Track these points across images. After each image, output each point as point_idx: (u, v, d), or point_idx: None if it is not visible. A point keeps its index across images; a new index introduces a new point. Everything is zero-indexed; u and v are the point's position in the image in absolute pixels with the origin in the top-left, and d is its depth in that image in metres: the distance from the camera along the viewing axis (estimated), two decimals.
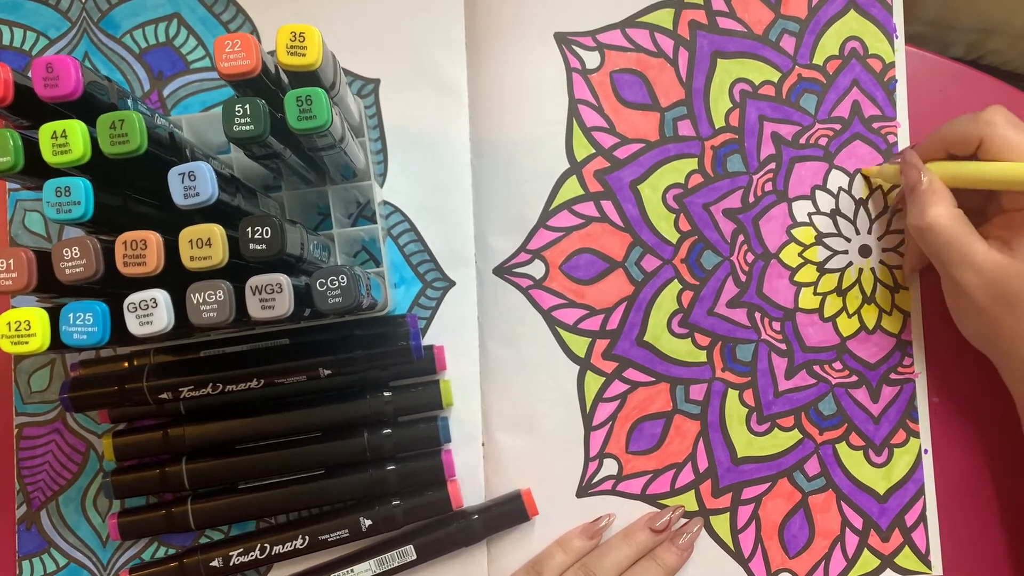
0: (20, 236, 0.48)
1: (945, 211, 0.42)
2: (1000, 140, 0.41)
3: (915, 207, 0.43)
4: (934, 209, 0.42)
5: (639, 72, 0.49)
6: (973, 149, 0.43)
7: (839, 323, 0.49)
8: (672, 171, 0.49)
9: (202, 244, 0.32)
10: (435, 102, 0.49)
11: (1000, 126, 0.41)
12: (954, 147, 0.44)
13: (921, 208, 0.43)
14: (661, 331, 0.49)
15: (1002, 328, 0.42)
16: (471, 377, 0.48)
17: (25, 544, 0.48)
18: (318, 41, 0.35)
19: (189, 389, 0.42)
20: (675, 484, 0.48)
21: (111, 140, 0.32)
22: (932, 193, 0.43)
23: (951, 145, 0.44)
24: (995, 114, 0.42)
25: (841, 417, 0.49)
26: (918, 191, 0.43)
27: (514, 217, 0.49)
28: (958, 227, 0.42)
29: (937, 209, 0.42)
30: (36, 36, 0.49)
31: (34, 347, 0.33)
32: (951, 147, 0.44)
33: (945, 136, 0.44)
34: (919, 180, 0.43)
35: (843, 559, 0.49)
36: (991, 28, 0.65)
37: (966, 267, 0.42)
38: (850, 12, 0.49)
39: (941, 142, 0.44)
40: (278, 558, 0.45)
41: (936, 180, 0.43)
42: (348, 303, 0.35)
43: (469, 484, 0.48)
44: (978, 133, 0.42)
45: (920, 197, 0.43)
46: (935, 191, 0.43)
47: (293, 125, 0.34)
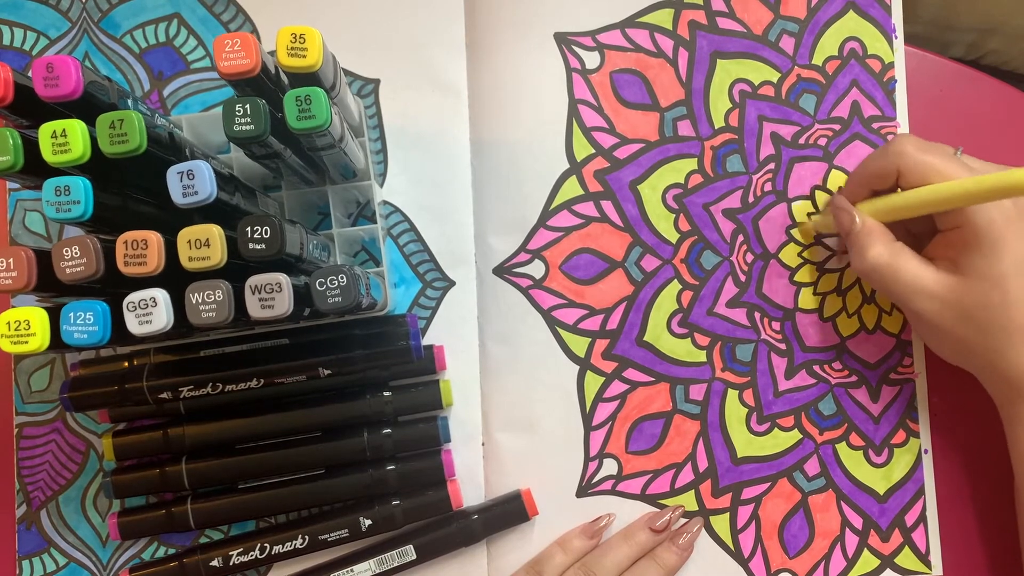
0: (20, 236, 0.48)
1: (883, 249, 0.42)
2: (916, 167, 0.41)
3: (854, 251, 0.43)
4: (872, 250, 0.42)
5: (639, 72, 0.49)
6: (893, 181, 0.43)
7: (839, 323, 0.49)
8: (672, 171, 0.49)
9: (200, 244, 0.32)
10: (435, 102, 0.49)
11: (911, 154, 0.41)
12: (875, 184, 0.44)
13: (860, 251, 0.43)
14: (661, 331, 0.49)
15: (973, 345, 0.42)
16: (471, 377, 0.48)
17: (25, 544, 0.48)
18: (318, 43, 0.35)
19: (189, 389, 0.42)
20: (675, 484, 0.48)
21: (111, 140, 0.32)
22: (868, 234, 0.43)
23: (872, 183, 0.44)
24: (904, 143, 0.42)
25: (841, 417, 0.49)
26: (853, 234, 0.43)
27: (514, 217, 0.49)
28: (900, 261, 0.42)
29: (875, 249, 0.42)
30: (36, 36, 0.49)
31: (34, 347, 0.33)
32: (873, 184, 0.44)
33: (864, 175, 0.44)
34: (852, 223, 0.43)
35: (843, 559, 0.49)
36: (991, 28, 0.66)
37: (919, 295, 0.42)
38: (849, 13, 0.49)
39: (863, 181, 0.44)
40: (278, 558, 0.45)
41: (868, 220, 0.43)
42: (348, 303, 0.35)
43: (469, 484, 0.48)
44: (892, 165, 0.42)
45: (856, 240, 0.43)
46: (870, 231, 0.43)
47: (292, 125, 0.34)
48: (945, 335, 0.43)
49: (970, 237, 0.41)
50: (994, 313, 0.41)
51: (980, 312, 0.41)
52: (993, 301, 0.40)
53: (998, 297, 0.40)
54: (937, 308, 0.42)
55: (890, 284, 0.42)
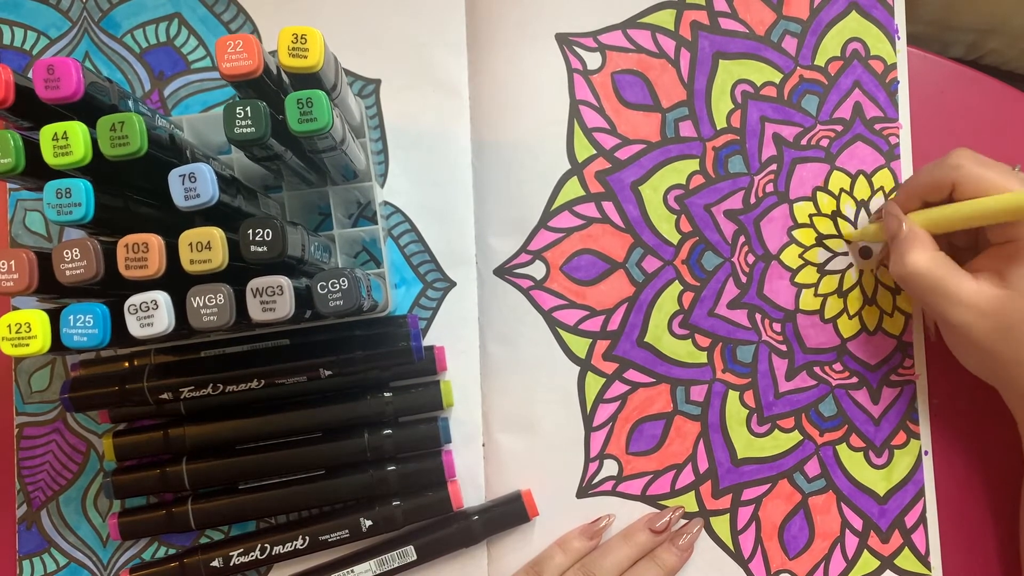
0: (21, 236, 0.48)
1: (924, 255, 0.42)
2: (971, 180, 0.41)
3: (896, 255, 0.43)
4: (913, 255, 0.42)
5: (640, 73, 0.49)
6: (947, 194, 0.43)
7: (840, 324, 0.49)
8: (673, 172, 0.49)
9: (202, 247, 0.32)
10: (436, 102, 0.49)
11: (967, 167, 0.41)
12: (928, 195, 0.44)
13: (902, 255, 0.43)
14: (662, 332, 0.49)
15: (1004, 358, 0.42)
16: (471, 378, 0.48)
17: (25, 544, 0.48)
18: (320, 43, 0.34)
19: (190, 389, 0.42)
20: (675, 485, 0.48)
21: (111, 142, 0.32)
22: (912, 239, 0.43)
23: (925, 194, 0.44)
24: (961, 156, 0.42)
25: (841, 418, 0.49)
26: (898, 239, 0.43)
27: (515, 218, 0.49)
28: (940, 269, 0.42)
29: (916, 254, 0.42)
30: (37, 36, 0.49)
31: (34, 349, 0.33)
32: (926, 196, 0.44)
33: (917, 186, 0.44)
34: (899, 228, 0.43)
35: (843, 560, 0.49)
36: (991, 28, 0.65)
37: (956, 306, 0.42)
38: (852, 13, 0.49)
39: (915, 192, 0.44)
40: (278, 558, 0.45)
41: (915, 227, 0.43)
42: (349, 306, 0.35)
43: (469, 485, 0.48)
44: (948, 177, 0.42)
45: (899, 245, 0.43)
46: (915, 236, 0.43)
47: (294, 127, 0.34)
48: (977, 347, 0.43)
49: (1022, 251, 0.41)
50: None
51: (1018, 327, 0.41)
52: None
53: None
54: (973, 319, 0.41)
55: (928, 291, 0.42)
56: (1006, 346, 0.42)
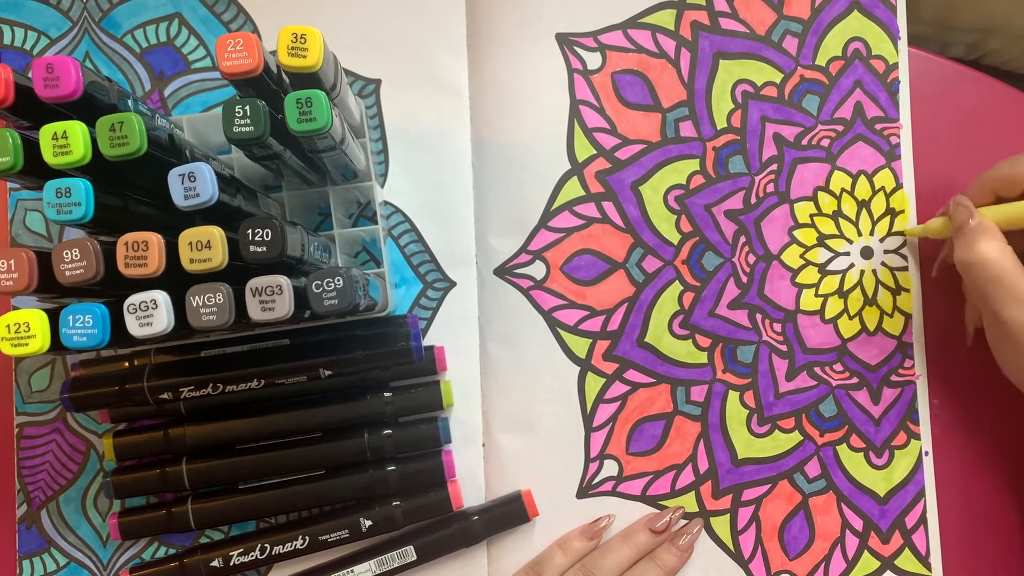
0: (20, 235, 0.48)
1: (996, 245, 0.41)
2: None
3: (964, 242, 0.42)
4: (985, 243, 0.41)
5: (641, 73, 0.49)
6: (1020, 191, 0.42)
7: (840, 325, 0.49)
8: (673, 172, 0.49)
9: (201, 247, 0.32)
10: (436, 102, 0.49)
11: None
12: (1002, 189, 0.43)
13: (970, 243, 0.42)
14: (662, 332, 0.48)
15: None
16: (472, 378, 0.48)
17: (25, 544, 0.48)
18: (319, 43, 0.34)
19: (189, 389, 0.42)
20: (675, 485, 0.48)
21: (111, 142, 0.32)
22: (983, 230, 0.42)
23: (999, 187, 0.43)
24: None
25: (842, 419, 0.49)
26: (967, 228, 0.42)
27: (515, 218, 0.49)
28: (1009, 263, 0.41)
29: (987, 243, 0.41)
30: (37, 35, 0.49)
31: (34, 349, 0.33)
32: (999, 189, 0.43)
33: (992, 179, 0.43)
34: (968, 218, 0.42)
35: (843, 561, 0.48)
36: (991, 28, 0.65)
37: (1015, 304, 0.41)
38: (853, 13, 0.49)
39: (988, 185, 0.44)
40: (278, 558, 0.45)
41: (986, 219, 0.42)
42: (344, 305, 0.35)
43: (469, 485, 0.48)
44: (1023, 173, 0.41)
45: (969, 233, 0.42)
46: (985, 228, 0.42)
47: (293, 127, 0.34)
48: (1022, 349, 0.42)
49: None
50: None
51: None
52: None
53: None
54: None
55: (991, 283, 0.41)
56: None
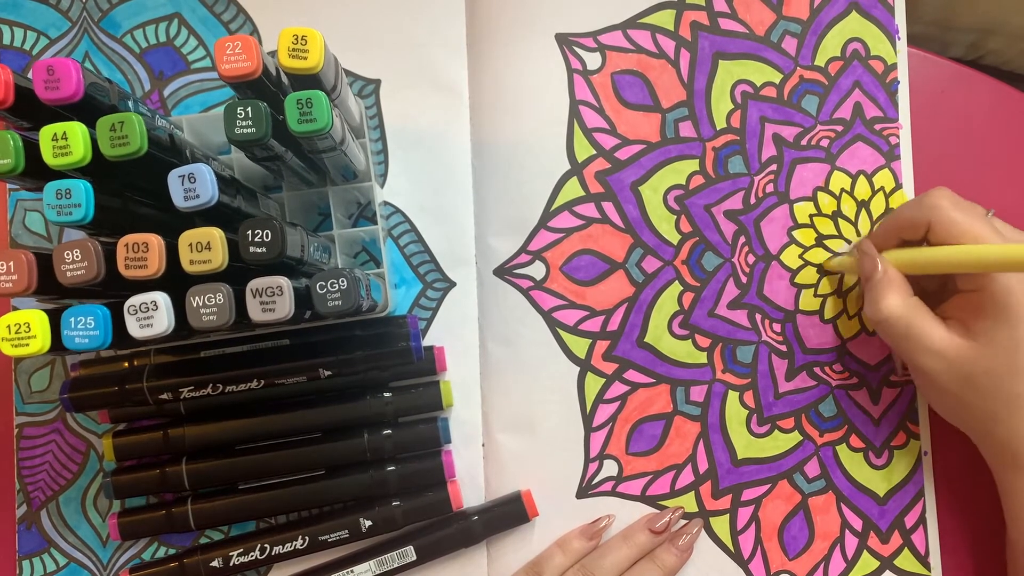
0: (20, 236, 0.48)
1: (899, 300, 0.42)
2: (946, 223, 0.41)
3: (870, 299, 0.43)
4: (888, 300, 0.42)
5: (640, 73, 0.49)
6: (923, 234, 0.42)
7: (840, 325, 0.49)
8: (673, 172, 0.49)
9: (201, 248, 0.32)
10: (436, 103, 0.49)
11: (945, 209, 0.41)
12: (905, 233, 0.43)
13: (875, 299, 0.42)
14: (662, 332, 0.49)
15: (974, 410, 0.42)
16: (471, 378, 0.48)
17: (25, 544, 0.48)
18: (320, 44, 0.34)
19: (189, 389, 0.42)
20: (675, 485, 0.48)
21: (111, 142, 0.32)
22: (887, 283, 0.42)
23: (902, 231, 0.44)
24: (940, 197, 0.41)
25: (841, 419, 0.49)
26: (872, 281, 0.43)
27: (515, 218, 0.49)
28: (913, 315, 0.42)
29: (891, 300, 0.42)
30: (36, 36, 0.49)
31: (34, 349, 0.33)
32: (902, 233, 0.44)
33: (895, 223, 0.44)
34: (874, 270, 0.43)
35: (842, 561, 0.49)
36: (991, 28, 0.65)
37: (926, 353, 0.41)
38: (852, 13, 0.49)
39: (893, 229, 0.44)
40: (278, 558, 0.45)
41: (891, 269, 0.43)
42: (348, 306, 0.35)
43: (469, 485, 0.48)
44: (924, 217, 0.42)
45: (874, 288, 0.43)
46: (890, 280, 0.42)
47: (293, 128, 0.34)
48: (947, 395, 0.43)
49: (987, 302, 0.41)
50: (999, 381, 0.40)
51: (984, 378, 0.41)
52: (999, 369, 0.40)
53: (1004, 366, 0.40)
54: (943, 368, 0.41)
55: (900, 338, 0.42)
56: (974, 396, 0.41)
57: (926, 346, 0.41)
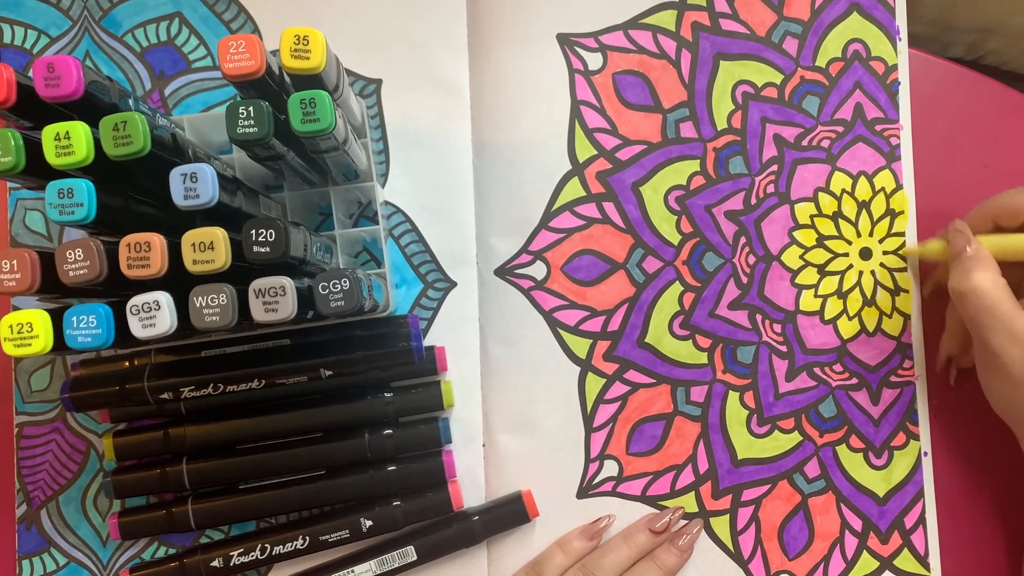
0: (21, 235, 0.48)
1: (991, 276, 0.41)
2: None
3: (959, 270, 0.42)
4: (979, 273, 0.41)
5: (641, 73, 0.49)
6: (1020, 222, 0.42)
7: (840, 325, 0.49)
8: (674, 173, 0.49)
9: (204, 248, 0.32)
10: (437, 103, 0.49)
11: None
12: (1002, 219, 0.43)
13: (965, 272, 0.42)
14: (662, 333, 0.49)
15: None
16: (472, 378, 0.48)
17: (25, 543, 0.48)
18: (322, 44, 0.34)
19: (190, 389, 0.42)
20: (675, 486, 0.48)
21: (115, 142, 0.32)
22: (978, 259, 0.42)
23: (999, 217, 0.43)
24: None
25: (841, 419, 0.49)
26: (963, 256, 0.42)
27: (516, 218, 0.49)
28: (1002, 294, 0.41)
29: (982, 273, 0.41)
30: (37, 34, 0.49)
31: (37, 349, 0.32)
32: (999, 219, 0.43)
33: (992, 208, 0.43)
34: (964, 246, 0.42)
35: (842, 561, 0.49)
36: (991, 28, 0.66)
37: (1006, 336, 0.41)
38: (853, 14, 0.49)
39: (988, 213, 0.44)
40: (278, 558, 0.45)
41: (983, 248, 0.42)
42: (350, 306, 0.35)
43: (470, 485, 0.48)
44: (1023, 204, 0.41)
45: (965, 262, 0.42)
46: (981, 257, 0.42)
47: (297, 128, 0.34)
48: (1011, 383, 0.42)
49: None
50: None
51: None
52: None
53: None
54: (1018, 354, 0.41)
55: (983, 313, 0.41)
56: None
57: (1009, 328, 0.41)
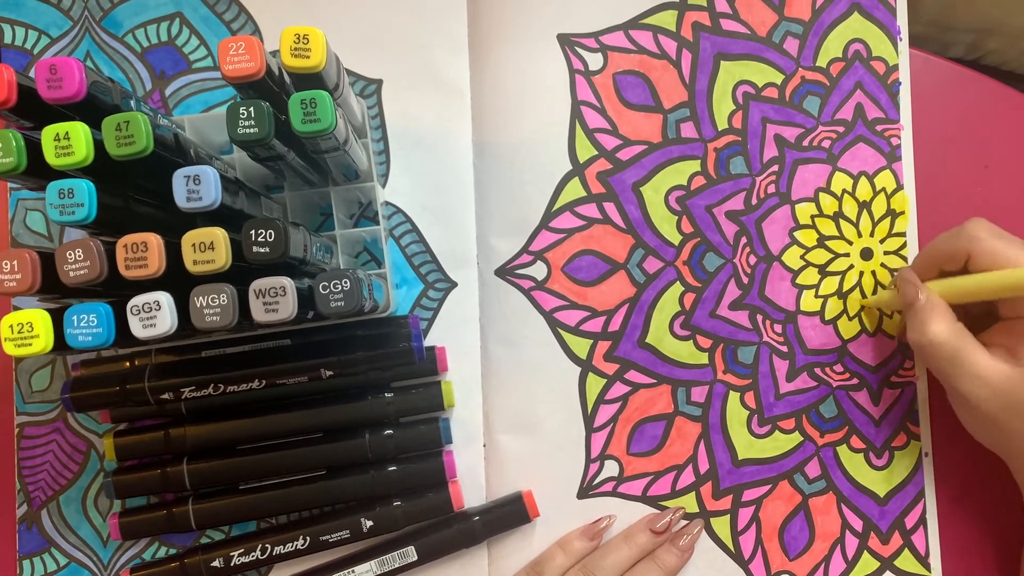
0: (21, 235, 0.48)
1: (945, 326, 0.42)
2: (987, 253, 0.41)
3: (914, 323, 0.43)
4: (934, 325, 0.42)
5: (642, 74, 0.49)
6: (962, 264, 0.43)
7: (840, 326, 0.49)
8: (675, 173, 0.49)
9: (205, 248, 0.32)
10: (438, 103, 0.49)
11: (984, 240, 0.41)
12: (945, 264, 0.44)
13: (921, 324, 0.42)
14: (663, 333, 0.49)
15: (1014, 436, 0.42)
16: (472, 378, 0.48)
17: (25, 544, 0.48)
18: (322, 43, 0.34)
19: (191, 389, 0.42)
20: (676, 486, 0.48)
21: (117, 142, 0.32)
22: (931, 309, 0.42)
23: (941, 262, 0.44)
24: (978, 228, 0.42)
25: (842, 420, 0.49)
26: (916, 307, 0.43)
27: (516, 218, 0.49)
28: (959, 341, 0.42)
29: (937, 325, 0.42)
30: (38, 35, 0.49)
31: (37, 349, 0.33)
32: (942, 264, 0.44)
33: (933, 254, 0.44)
34: (916, 297, 0.43)
35: (843, 561, 0.49)
36: (991, 28, 0.66)
37: (970, 380, 0.41)
38: (854, 14, 0.49)
39: (932, 260, 0.44)
40: (279, 558, 0.45)
41: (934, 295, 0.43)
42: (351, 307, 0.35)
43: (470, 485, 0.48)
44: (964, 248, 0.42)
45: (918, 313, 0.43)
46: (934, 306, 0.42)
47: (297, 128, 0.34)
48: (987, 421, 0.43)
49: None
50: None
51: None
52: None
53: None
54: (985, 394, 0.41)
55: (945, 363, 0.42)
56: (1019, 422, 0.41)
57: (971, 372, 0.41)
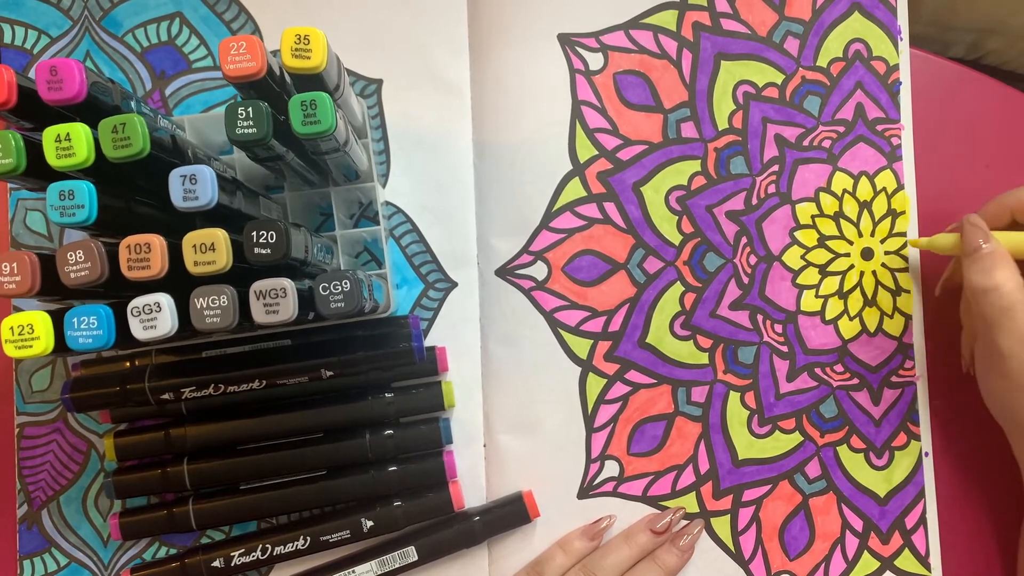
0: (21, 236, 0.48)
1: (1011, 275, 0.41)
2: None
3: (977, 267, 0.41)
4: (1002, 271, 0.41)
5: (642, 74, 0.49)
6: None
7: (841, 326, 0.49)
8: (675, 173, 0.49)
9: (206, 249, 0.32)
10: (438, 103, 0.49)
11: None
12: (1019, 213, 0.42)
13: (987, 269, 0.41)
14: (663, 333, 0.49)
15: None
16: (473, 378, 0.48)
17: (26, 544, 0.48)
18: (323, 44, 0.34)
19: (191, 390, 0.42)
20: (676, 486, 0.48)
21: (113, 144, 0.32)
22: (999, 256, 0.41)
23: (1015, 211, 0.43)
24: None
25: (842, 420, 0.49)
26: (982, 252, 0.41)
27: (516, 218, 0.49)
28: (1020, 294, 0.40)
29: (1005, 271, 0.41)
30: (38, 35, 0.49)
31: (38, 350, 0.33)
32: (1015, 213, 0.43)
33: (1008, 201, 0.43)
34: (983, 242, 0.42)
35: (843, 561, 0.49)
36: (991, 28, 0.65)
37: (1018, 339, 0.40)
38: (854, 14, 0.49)
39: (1007, 207, 0.43)
40: (279, 558, 0.45)
41: (1000, 245, 0.42)
42: (351, 307, 0.35)
43: (470, 485, 0.48)
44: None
45: (984, 259, 0.41)
46: (1002, 255, 0.41)
47: (297, 129, 0.34)
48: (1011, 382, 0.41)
49: None
50: None
51: None
52: None
53: None
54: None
55: (999, 312, 0.41)
56: None
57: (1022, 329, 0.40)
